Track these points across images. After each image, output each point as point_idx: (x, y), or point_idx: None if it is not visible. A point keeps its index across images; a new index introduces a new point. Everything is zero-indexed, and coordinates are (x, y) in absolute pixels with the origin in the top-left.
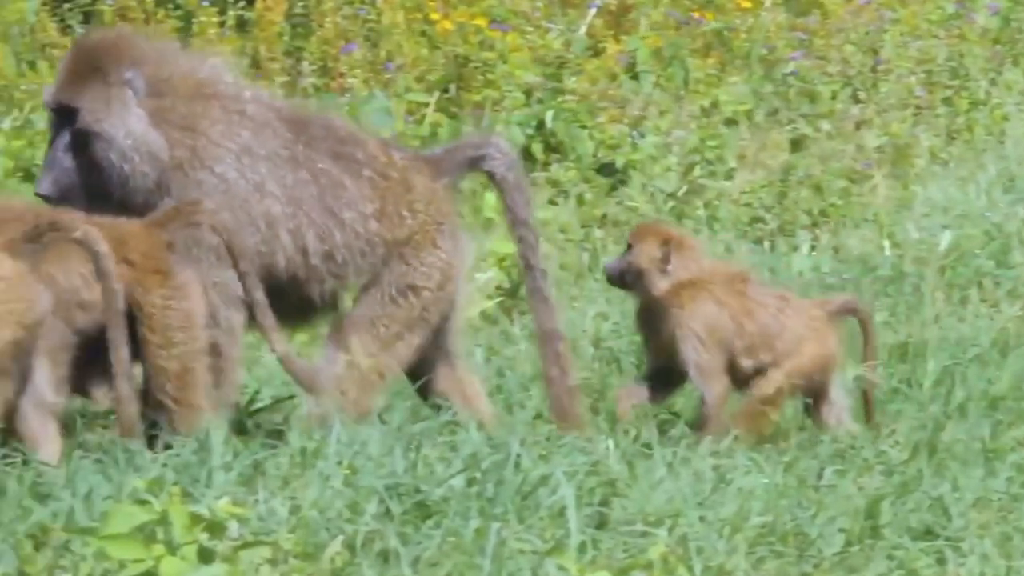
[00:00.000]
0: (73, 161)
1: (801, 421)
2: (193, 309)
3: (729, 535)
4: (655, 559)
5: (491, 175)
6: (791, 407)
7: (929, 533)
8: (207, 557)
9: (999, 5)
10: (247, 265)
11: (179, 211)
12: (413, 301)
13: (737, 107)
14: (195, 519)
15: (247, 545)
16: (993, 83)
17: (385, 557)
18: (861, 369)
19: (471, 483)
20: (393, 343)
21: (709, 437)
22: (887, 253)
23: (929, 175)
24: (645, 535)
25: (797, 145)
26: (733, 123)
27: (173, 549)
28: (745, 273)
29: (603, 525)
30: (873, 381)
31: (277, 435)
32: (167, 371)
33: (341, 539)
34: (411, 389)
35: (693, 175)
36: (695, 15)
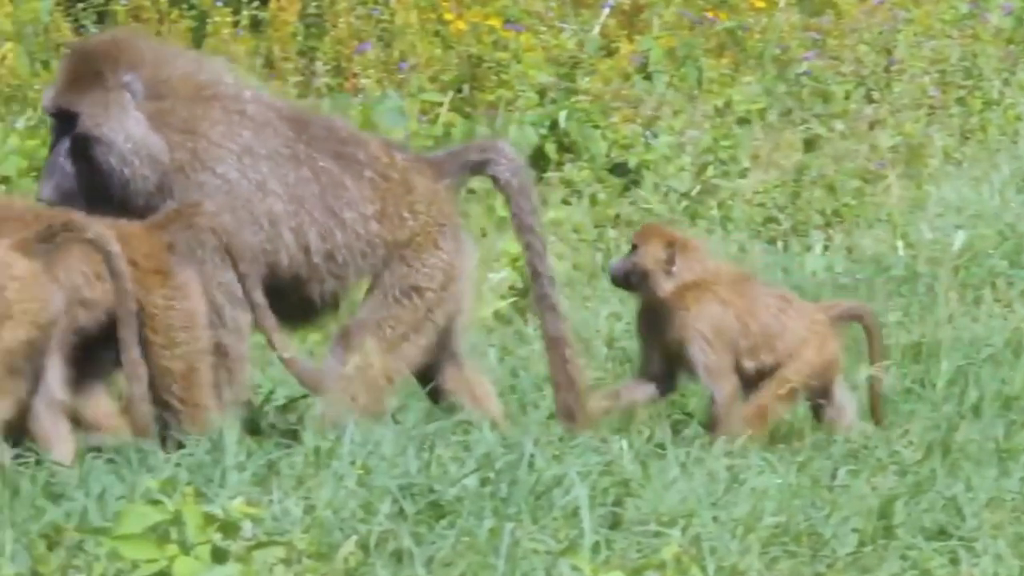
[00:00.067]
0: (74, 166)
1: (812, 422)
2: (195, 309)
3: (742, 535)
4: (668, 559)
5: (496, 180)
6: (801, 407)
7: (943, 533)
8: (221, 557)
9: (1013, 5)
10: (247, 267)
11: (180, 213)
12: (417, 302)
13: (750, 107)
14: (209, 519)
15: (261, 545)
16: (1007, 83)
17: (399, 557)
18: (872, 370)
19: (485, 483)
20: (399, 345)
21: (723, 437)
22: (900, 253)
23: (943, 175)
24: (658, 535)
25: (810, 145)
26: (746, 123)
27: (187, 549)
28: (748, 274)
29: (616, 525)
30: (879, 383)
31: (291, 435)
32: (172, 371)
33: (355, 539)
34: (423, 390)
35: (706, 175)
36: (709, 15)
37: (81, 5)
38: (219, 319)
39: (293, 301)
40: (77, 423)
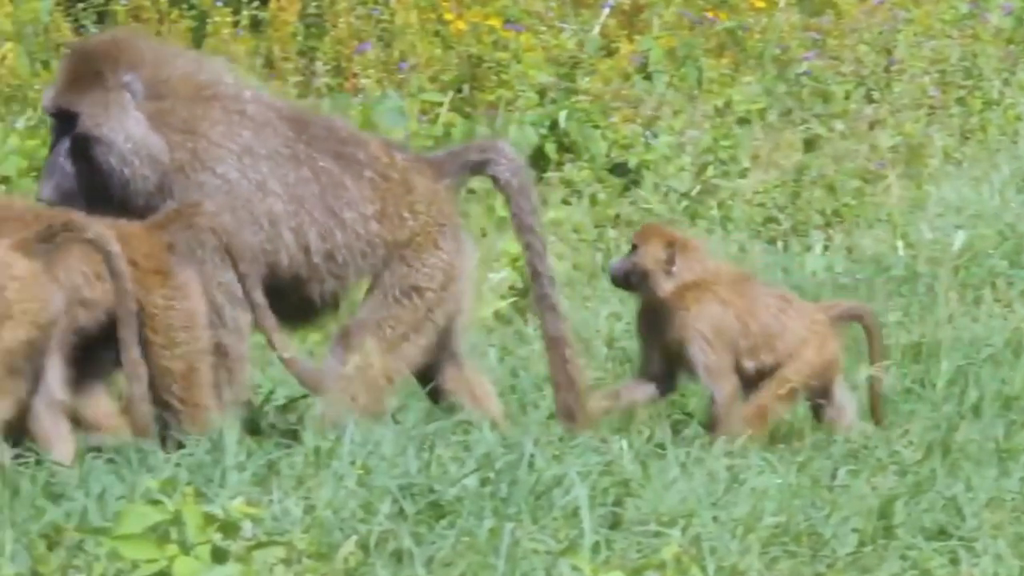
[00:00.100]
0: (74, 166)
1: (812, 422)
2: (195, 309)
3: (742, 535)
4: (668, 559)
5: (496, 180)
6: (801, 408)
7: (943, 533)
8: (221, 557)
9: (1012, 5)
10: (247, 267)
11: (180, 213)
12: (417, 302)
13: (750, 107)
14: (209, 519)
15: (261, 545)
16: (1007, 83)
17: (399, 557)
18: (872, 370)
19: (485, 483)
20: (399, 345)
21: (723, 437)
22: (900, 253)
23: (943, 175)
24: (658, 535)
25: (810, 145)
26: (746, 123)
27: (187, 549)
28: (747, 274)
29: (617, 525)
30: (879, 383)
31: (291, 435)
32: (172, 371)
33: (355, 539)
34: (424, 391)
35: (706, 175)
36: (709, 15)
37: (81, 5)
38: (219, 319)
39: (293, 301)
40: (77, 423)
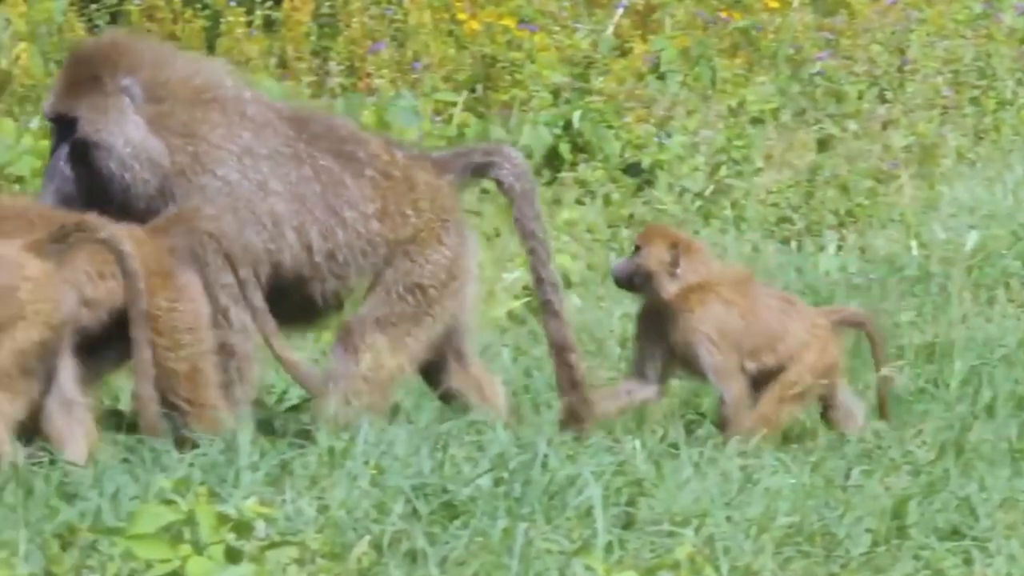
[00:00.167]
0: (73, 171)
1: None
2: (198, 310)
3: (756, 535)
4: (682, 559)
5: (499, 183)
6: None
7: (956, 533)
8: (234, 557)
9: None
10: (246, 272)
11: (180, 217)
12: (420, 298)
13: (764, 107)
14: (222, 519)
15: (274, 545)
16: (1020, 83)
17: (412, 557)
18: (884, 371)
19: (498, 483)
20: (402, 341)
21: (736, 437)
22: (914, 253)
23: (956, 175)
24: (672, 535)
25: (824, 145)
26: (760, 123)
27: (200, 549)
28: (748, 275)
29: (630, 525)
30: (887, 384)
31: (304, 435)
32: (177, 373)
33: (368, 539)
34: (436, 394)
35: (720, 175)
36: (722, 15)
37: (95, 5)
38: (225, 320)
39: (295, 301)
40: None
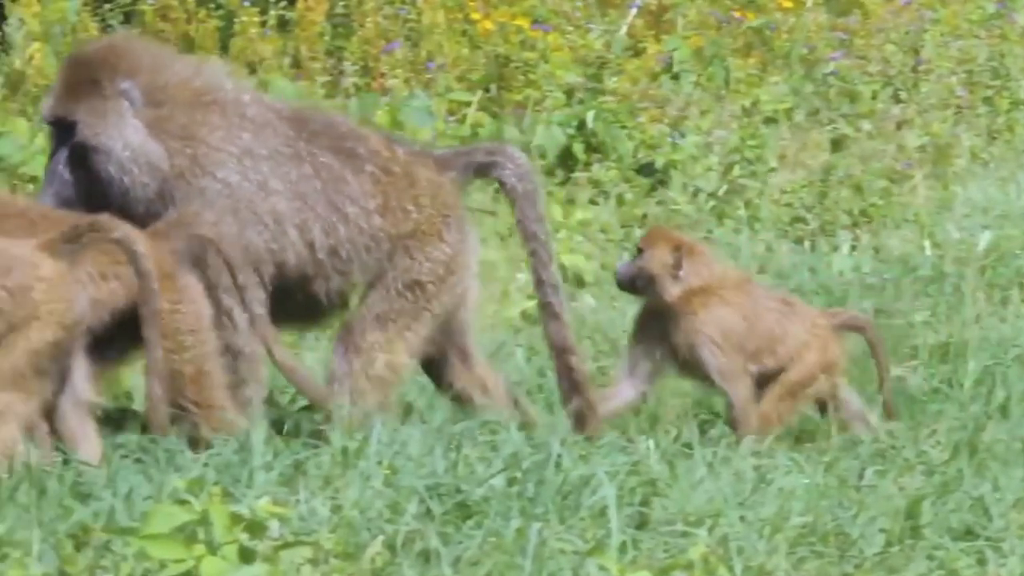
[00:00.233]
0: (72, 174)
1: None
2: (200, 312)
3: (770, 535)
4: (696, 559)
5: (502, 184)
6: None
7: (970, 533)
8: (248, 557)
9: None
10: (245, 279)
11: (180, 221)
12: (418, 294)
13: (778, 107)
14: (236, 519)
15: (288, 545)
16: None
17: (426, 557)
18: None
19: (512, 483)
20: (402, 336)
21: (750, 437)
22: (928, 253)
23: (969, 175)
24: (686, 535)
25: (838, 145)
26: (773, 123)
27: (214, 549)
28: (748, 277)
29: (644, 525)
30: (889, 388)
31: (318, 435)
32: (183, 375)
33: (382, 539)
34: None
35: (733, 175)
36: (736, 14)
37: (108, 5)
38: (230, 321)
39: (300, 300)
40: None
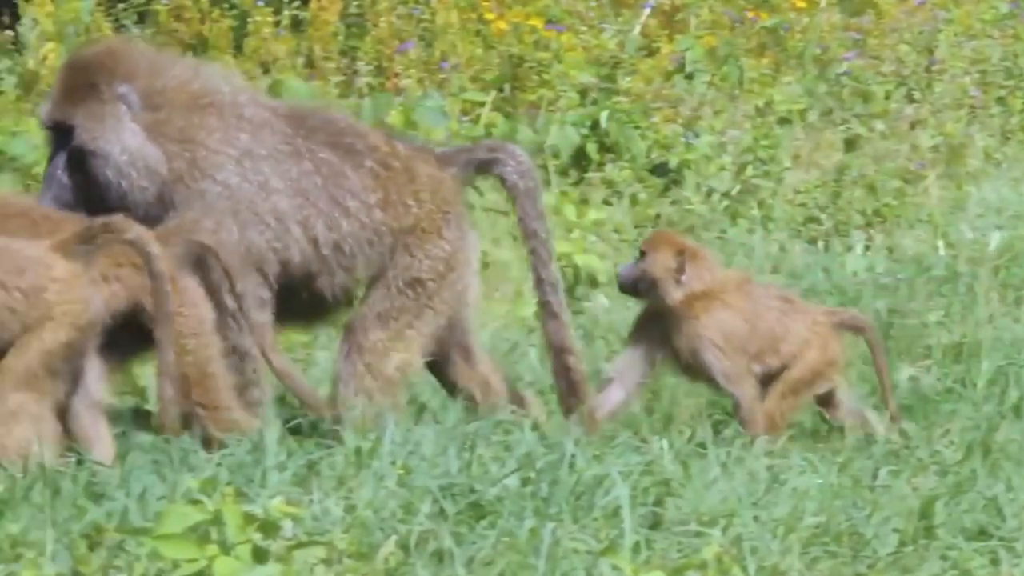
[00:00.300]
0: (71, 178)
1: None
2: (201, 315)
3: (783, 535)
4: (709, 559)
5: (503, 181)
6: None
7: (983, 533)
8: (261, 557)
9: None
10: (244, 286)
11: (180, 227)
12: (419, 292)
13: (791, 107)
14: (249, 519)
15: (301, 545)
16: None
17: (439, 557)
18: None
19: (525, 483)
20: (404, 335)
21: (763, 437)
22: (941, 253)
23: (983, 175)
24: (699, 535)
25: (851, 145)
26: (787, 123)
27: (227, 549)
28: (747, 277)
29: (657, 525)
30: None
31: (332, 435)
32: (187, 377)
33: (395, 539)
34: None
35: (747, 175)
36: (749, 14)
37: (122, 5)
38: (235, 323)
39: (304, 298)
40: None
